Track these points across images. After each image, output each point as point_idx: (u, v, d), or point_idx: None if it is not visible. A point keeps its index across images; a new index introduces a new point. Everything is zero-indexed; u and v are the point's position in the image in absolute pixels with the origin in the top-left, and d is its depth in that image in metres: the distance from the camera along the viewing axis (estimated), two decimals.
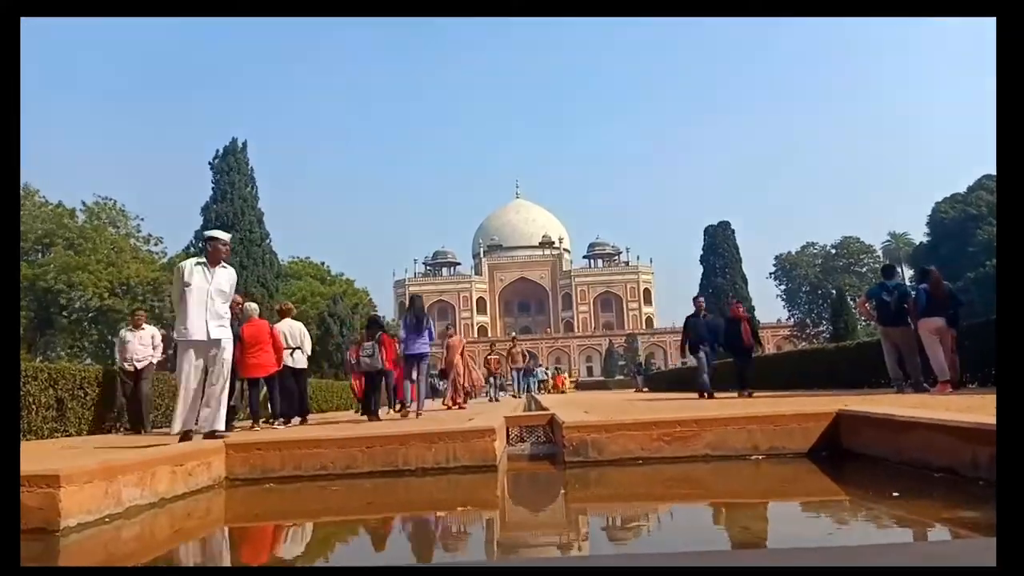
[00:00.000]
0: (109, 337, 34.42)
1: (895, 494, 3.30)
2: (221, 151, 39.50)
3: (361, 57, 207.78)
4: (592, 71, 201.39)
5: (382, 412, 10.88)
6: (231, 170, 38.66)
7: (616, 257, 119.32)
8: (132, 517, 3.57)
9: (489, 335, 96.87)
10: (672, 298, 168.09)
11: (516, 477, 5.09)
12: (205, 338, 6.04)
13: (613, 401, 13.40)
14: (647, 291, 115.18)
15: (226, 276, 6.35)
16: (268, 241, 39.47)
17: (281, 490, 4.53)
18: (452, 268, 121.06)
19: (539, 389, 37.62)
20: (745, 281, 57.22)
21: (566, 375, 54.80)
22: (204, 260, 6.33)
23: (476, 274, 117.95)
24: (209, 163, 39.45)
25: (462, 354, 13.72)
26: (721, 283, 55.51)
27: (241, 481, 4.73)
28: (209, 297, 6.13)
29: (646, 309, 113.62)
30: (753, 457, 4.54)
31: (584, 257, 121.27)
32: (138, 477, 3.78)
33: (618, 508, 3.73)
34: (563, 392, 41.45)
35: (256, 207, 39.20)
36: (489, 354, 19.38)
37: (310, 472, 4.74)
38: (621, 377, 71.48)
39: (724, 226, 57.79)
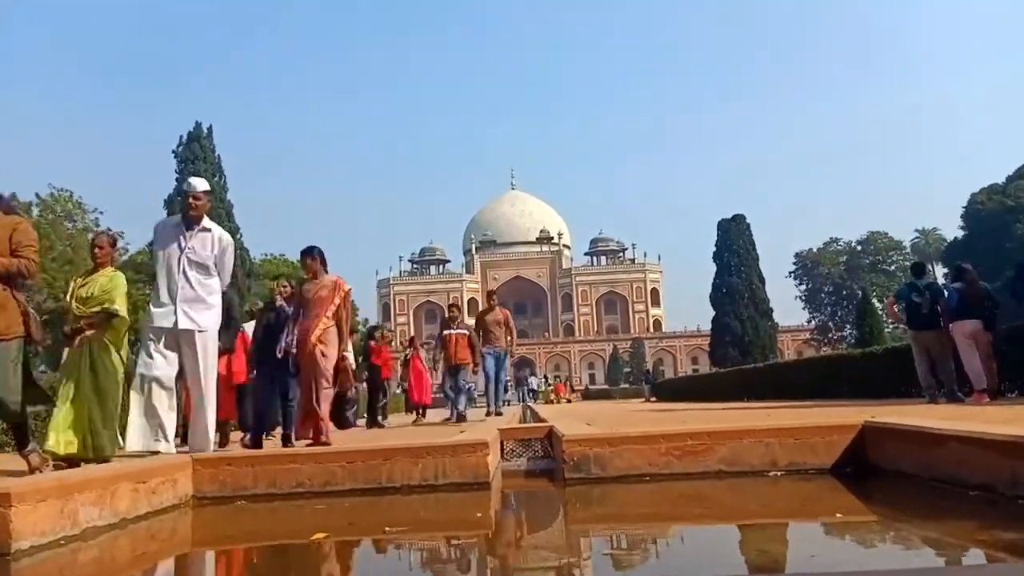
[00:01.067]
0: None
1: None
2: (185, 137, 39.48)
3: (344, 41, 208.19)
4: (594, 52, 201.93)
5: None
6: (196, 158, 38.66)
7: (621, 254, 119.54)
8: (90, 539, 3.56)
9: None
10: (682, 299, 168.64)
11: (511, 495, 5.09)
12: (171, 326, 5.19)
13: (617, 412, 13.43)
14: (655, 291, 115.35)
15: (208, 241, 5.31)
16: (239, 237, 39.44)
17: (254, 509, 4.52)
18: (441, 266, 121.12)
19: (534, 400, 37.79)
20: (762, 280, 57.33)
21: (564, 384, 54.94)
22: (181, 219, 5.43)
23: (467, 272, 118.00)
24: (172, 151, 39.45)
25: (336, 315, 6.26)
26: (736, 282, 55.63)
27: (210, 500, 4.72)
28: (180, 269, 5.19)
29: (654, 311, 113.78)
30: (771, 473, 4.55)
31: (586, 254, 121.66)
32: (97, 495, 3.77)
33: (623, 529, 3.73)
34: (570, 401, 41.64)
35: (225, 199, 39.21)
36: (447, 328, 10.87)
37: (286, 490, 4.74)
38: (626, 385, 71.59)
39: (739, 220, 57.84)
